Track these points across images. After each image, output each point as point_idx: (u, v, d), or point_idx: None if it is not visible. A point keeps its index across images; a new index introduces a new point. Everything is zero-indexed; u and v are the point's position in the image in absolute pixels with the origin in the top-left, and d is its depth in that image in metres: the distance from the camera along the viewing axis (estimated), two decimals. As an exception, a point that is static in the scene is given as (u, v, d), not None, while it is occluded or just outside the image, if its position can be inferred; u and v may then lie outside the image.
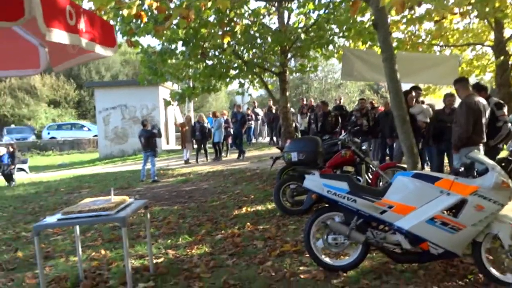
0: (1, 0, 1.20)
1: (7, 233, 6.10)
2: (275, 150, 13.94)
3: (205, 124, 13.95)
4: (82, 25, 1.50)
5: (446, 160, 6.97)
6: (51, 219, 3.22)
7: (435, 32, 10.02)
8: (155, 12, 5.40)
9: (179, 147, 18.07)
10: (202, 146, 14.05)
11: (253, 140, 18.54)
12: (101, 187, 10.12)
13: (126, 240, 3.19)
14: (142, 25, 6.32)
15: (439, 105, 7.81)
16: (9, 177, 11.79)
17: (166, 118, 19.11)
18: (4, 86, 32.46)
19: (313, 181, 3.81)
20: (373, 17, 4.95)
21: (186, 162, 13.82)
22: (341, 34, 8.95)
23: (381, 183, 6.45)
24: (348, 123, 10.37)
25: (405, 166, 6.58)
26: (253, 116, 18.34)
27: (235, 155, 14.33)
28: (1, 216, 7.41)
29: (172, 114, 20.06)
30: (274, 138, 15.86)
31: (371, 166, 6.68)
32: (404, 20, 9.13)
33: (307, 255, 3.92)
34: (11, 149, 12.34)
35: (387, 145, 9.13)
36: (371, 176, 6.66)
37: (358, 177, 6.42)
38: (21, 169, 12.45)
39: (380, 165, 7.24)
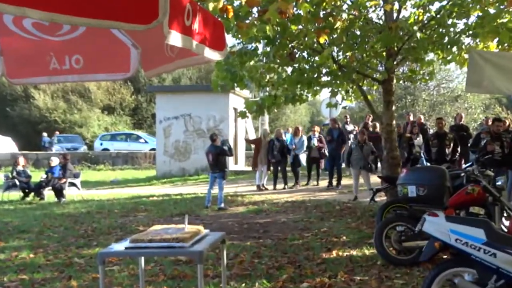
0: (136, 2, 1.33)
1: (59, 258, 6.64)
2: (373, 179, 13.57)
3: (285, 142, 14.08)
4: (196, 25, 1.62)
5: None
6: (118, 247, 3.43)
7: None
8: (244, 5, 5.62)
9: (249, 168, 18.35)
10: (280, 168, 14.15)
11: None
12: (159, 211, 10.61)
13: (202, 281, 3.29)
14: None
15: None
16: (59, 192, 12.77)
17: (235, 132, 19.51)
18: (57, 88, 35.53)
19: (437, 225, 3.68)
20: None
21: (259, 187, 13.98)
22: (470, 32, 8.51)
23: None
24: (476, 149, 9.81)
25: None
26: (344, 134, 18.13)
27: (324, 183, 14.14)
28: (51, 237, 8.09)
29: (243, 128, 20.41)
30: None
31: (507, 208, 6.22)
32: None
33: (424, 321, 3.73)
34: (63, 161, 13.36)
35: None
36: (507, 223, 6.21)
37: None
38: (73, 184, 13.28)
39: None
